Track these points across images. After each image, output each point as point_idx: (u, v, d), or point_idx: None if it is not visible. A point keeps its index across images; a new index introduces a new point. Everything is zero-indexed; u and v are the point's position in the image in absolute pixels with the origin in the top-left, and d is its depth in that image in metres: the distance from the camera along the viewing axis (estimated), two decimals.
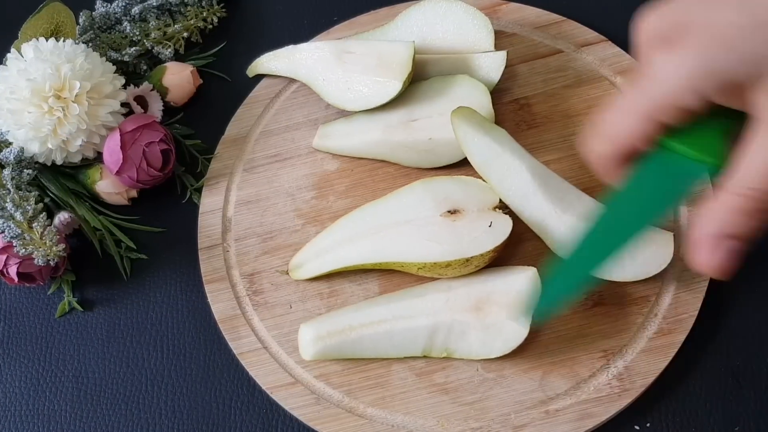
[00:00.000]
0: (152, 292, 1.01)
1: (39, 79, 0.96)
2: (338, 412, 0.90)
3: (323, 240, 0.97)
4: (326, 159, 1.05)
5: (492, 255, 0.89)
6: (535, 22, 1.11)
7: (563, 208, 0.92)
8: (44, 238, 0.93)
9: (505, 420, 0.87)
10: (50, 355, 0.98)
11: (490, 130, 0.95)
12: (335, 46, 1.06)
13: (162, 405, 0.94)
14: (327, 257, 0.95)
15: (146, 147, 1.00)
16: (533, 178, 0.93)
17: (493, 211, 0.92)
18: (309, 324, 0.92)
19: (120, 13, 1.12)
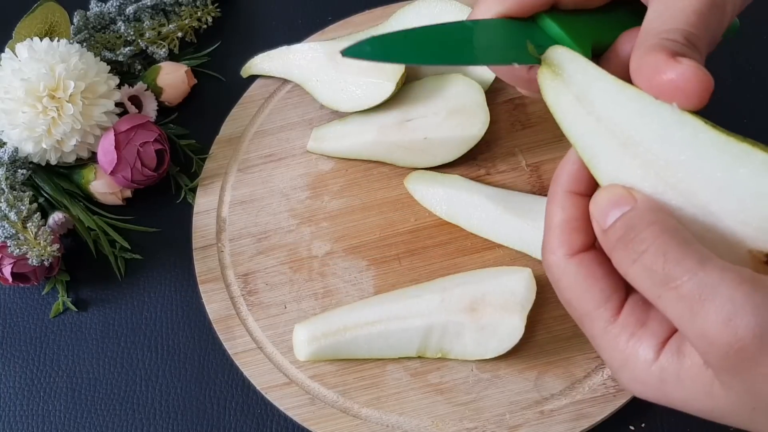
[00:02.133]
0: (147, 293, 1.01)
1: (33, 79, 0.96)
2: (333, 413, 0.89)
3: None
4: (321, 159, 1.05)
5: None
6: None
7: (533, 218, 0.93)
8: (38, 238, 0.93)
9: (500, 420, 0.87)
10: (44, 356, 0.98)
11: (444, 181, 1.00)
12: (328, 47, 1.06)
13: (156, 405, 0.94)
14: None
15: (141, 147, 1.00)
16: (495, 205, 0.96)
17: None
18: (304, 324, 0.92)
19: (114, 12, 1.12)
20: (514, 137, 1.02)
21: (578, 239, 0.59)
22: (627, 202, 0.54)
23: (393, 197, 1.01)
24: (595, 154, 0.58)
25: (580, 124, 0.59)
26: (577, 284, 0.58)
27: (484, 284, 0.90)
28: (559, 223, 0.60)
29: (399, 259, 0.97)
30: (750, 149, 0.52)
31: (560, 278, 0.59)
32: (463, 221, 0.98)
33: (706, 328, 0.48)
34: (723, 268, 0.49)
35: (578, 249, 0.59)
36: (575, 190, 0.60)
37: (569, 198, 0.60)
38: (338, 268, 0.98)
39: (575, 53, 0.61)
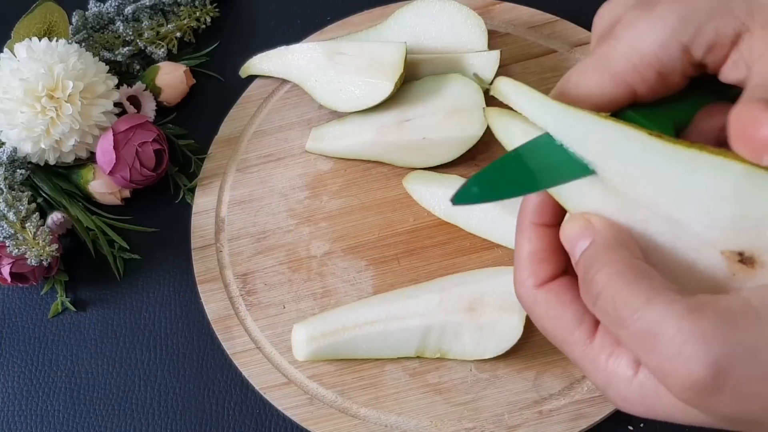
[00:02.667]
0: (145, 292, 1.01)
1: (32, 79, 0.96)
2: (331, 413, 0.90)
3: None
4: (319, 159, 1.05)
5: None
6: (529, 21, 1.11)
7: None
8: (37, 238, 0.93)
9: (499, 420, 0.87)
10: (43, 356, 0.98)
11: (442, 181, 1.00)
12: (327, 47, 1.06)
13: (155, 405, 0.94)
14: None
15: (139, 147, 1.00)
16: (494, 205, 0.96)
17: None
18: (302, 324, 0.92)
19: (113, 12, 1.12)
20: None
21: (546, 269, 0.59)
22: (588, 235, 0.55)
23: (392, 197, 1.01)
24: None
25: None
26: (548, 313, 0.59)
27: (482, 284, 0.90)
28: (526, 255, 0.60)
29: (398, 259, 0.97)
30: (698, 153, 0.52)
31: (532, 308, 0.60)
32: (462, 221, 0.98)
33: (660, 364, 0.49)
34: (670, 301, 0.49)
35: (546, 279, 0.59)
36: (541, 222, 0.60)
37: (535, 230, 0.60)
38: (337, 268, 0.98)
39: (518, 84, 0.61)
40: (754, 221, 0.53)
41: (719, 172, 0.52)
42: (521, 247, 0.61)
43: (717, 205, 0.53)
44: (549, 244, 0.60)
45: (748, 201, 0.52)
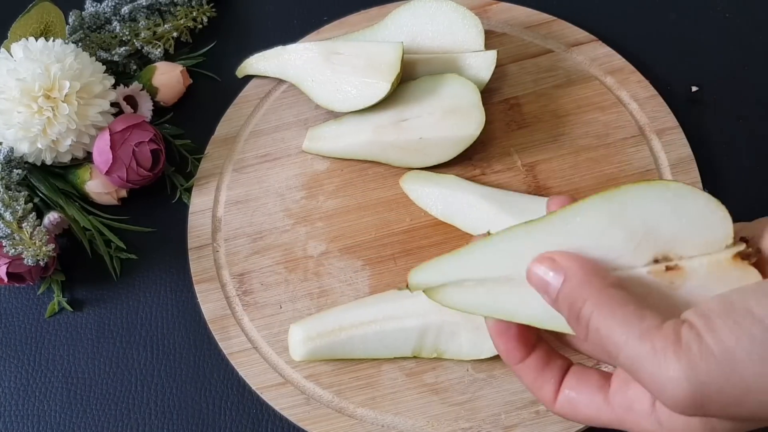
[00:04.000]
0: (142, 292, 1.01)
1: (28, 79, 0.96)
2: (328, 413, 0.90)
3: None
4: (316, 159, 1.05)
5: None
6: (525, 21, 1.11)
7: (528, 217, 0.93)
8: (34, 238, 0.93)
9: (496, 420, 0.87)
10: (40, 356, 0.98)
11: (439, 181, 1.00)
12: (324, 47, 1.06)
13: (152, 405, 0.94)
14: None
15: (136, 147, 1.00)
16: (491, 204, 0.96)
17: (732, 260, 0.59)
18: (299, 324, 0.92)
19: (110, 12, 1.12)
20: (510, 137, 1.02)
21: (549, 388, 0.65)
22: (558, 274, 0.59)
23: (388, 197, 1.01)
24: (507, 310, 0.64)
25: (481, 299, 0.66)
26: (575, 412, 0.65)
27: None
28: (530, 387, 0.67)
29: (394, 259, 0.97)
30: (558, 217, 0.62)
31: (565, 416, 0.65)
32: (459, 221, 0.98)
33: (651, 392, 0.53)
34: (641, 336, 0.53)
35: (555, 391, 0.66)
36: (517, 362, 0.67)
37: (519, 370, 0.67)
38: (333, 268, 0.98)
39: (423, 267, 0.67)
40: (640, 229, 0.59)
41: (589, 213, 0.60)
42: (524, 383, 0.67)
43: (609, 236, 0.59)
44: (536, 372, 0.66)
45: (624, 218, 0.59)
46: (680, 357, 0.50)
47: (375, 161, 1.03)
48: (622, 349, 0.53)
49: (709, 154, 1.02)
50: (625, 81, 1.05)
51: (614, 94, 1.05)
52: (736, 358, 0.49)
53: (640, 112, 1.03)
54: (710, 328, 0.50)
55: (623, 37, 1.10)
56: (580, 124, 1.03)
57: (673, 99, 1.04)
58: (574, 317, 0.57)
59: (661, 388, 0.51)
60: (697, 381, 0.50)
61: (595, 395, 0.63)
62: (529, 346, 0.66)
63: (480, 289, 0.65)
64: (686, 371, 0.50)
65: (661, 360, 0.51)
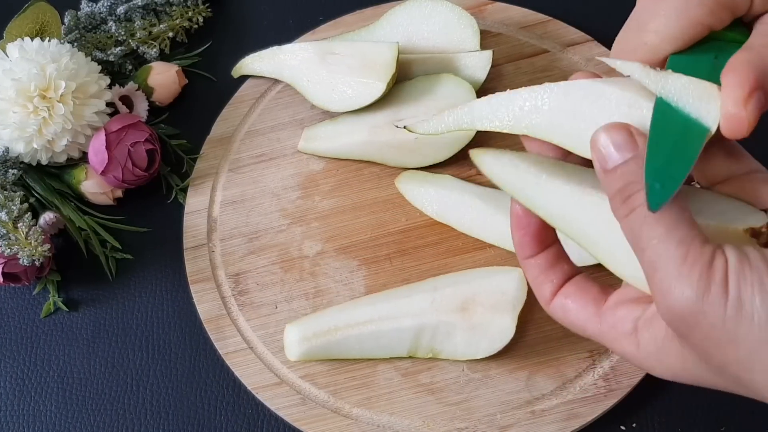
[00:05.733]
0: (137, 292, 1.01)
1: (24, 78, 0.96)
2: (324, 413, 0.90)
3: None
4: (312, 159, 1.05)
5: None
6: (521, 21, 1.11)
7: None
8: (29, 238, 0.93)
9: (491, 420, 0.87)
10: (35, 356, 0.98)
11: (435, 181, 1.00)
12: (319, 47, 1.06)
13: (147, 405, 0.94)
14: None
15: (131, 147, 0.99)
16: (486, 204, 0.97)
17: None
18: (295, 324, 0.92)
19: (105, 12, 1.12)
20: (505, 137, 1.02)
21: (548, 288, 0.67)
22: (630, 147, 0.57)
23: (384, 197, 1.01)
24: (563, 216, 0.64)
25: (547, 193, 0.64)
26: (566, 316, 0.66)
27: (474, 284, 0.90)
28: (532, 283, 0.68)
29: (390, 259, 0.97)
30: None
31: (555, 317, 0.67)
32: (454, 221, 0.98)
33: (656, 292, 0.54)
34: (679, 243, 0.53)
35: (551, 294, 0.67)
36: (526, 256, 0.68)
37: (525, 264, 0.68)
38: (329, 268, 0.98)
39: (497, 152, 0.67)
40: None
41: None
42: (527, 276, 0.69)
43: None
44: (541, 269, 0.67)
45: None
46: (701, 280, 0.51)
47: (371, 161, 1.03)
48: (656, 244, 0.53)
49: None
50: None
51: None
52: (743, 310, 0.50)
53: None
54: (739, 272, 0.51)
55: None
56: None
57: None
58: (625, 196, 0.56)
59: (667, 291, 0.52)
60: (701, 306, 0.51)
61: (588, 306, 0.64)
62: (543, 244, 0.67)
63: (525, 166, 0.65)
64: (699, 294, 0.51)
65: (686, 272, 0.51)
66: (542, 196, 0.63)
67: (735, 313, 0.50)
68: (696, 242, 0.53)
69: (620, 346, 0.61)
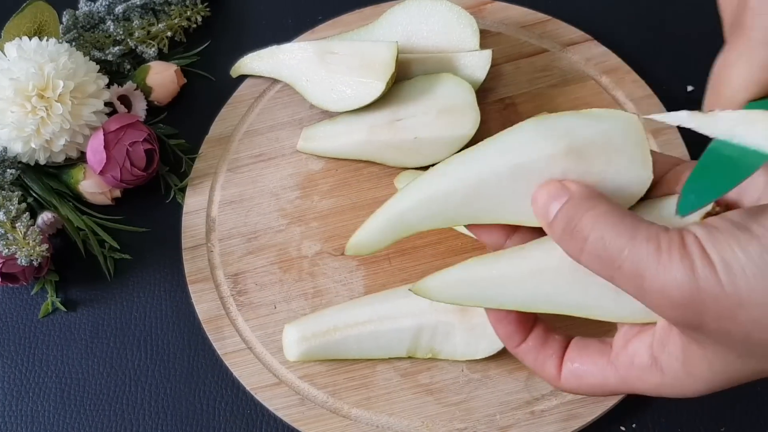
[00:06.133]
0: (136, 293, 1.01)
1: (22, 78, 0.95)
2: (323, 413, 0.89)
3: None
4: (310, 159, 1.05)
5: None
6: (521, 21, 1.11)
7: None
8: (27, 238, 0.92)
9: (491, 421, 0.87)
10: (33, 356, 0.98)
11: None
12: (318, 47, 1.06)
13: (146, 405, 0.94)
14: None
15: (130, 147, 0.99)
16: None
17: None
18: (293, 325, 0.92)
19: (103, 12, 1.12)
20: None
21: (552, 364, 0.66)
22: (563, 194, 0.59)
23: (383, 197, 1.01)
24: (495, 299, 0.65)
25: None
26: (579, 385, 0.65)
27: None
28: (533, 366, 0.67)
29: (389, 259, 0.97)
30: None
31: (568, 389, 0.66)
32: None
33: (653, 298, 0.53)
34: (647, 239, 0.53)
35: (559, 365, 0.66)
36: (515, 346, 0.67)
37: (519, 353, 0.67)
38: (328, 268, 0.98)
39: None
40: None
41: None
42: (527, 363, 0.67)
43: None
44: (536, 350, 0.66)
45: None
46: (684, 259, 0.51)
47: (370, 161, 1.03)
48: (628, 252, 0.53)
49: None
50: (621, 81, 1.05)
51: (610, 93, 1.05)
52: (733, 270, 0.50)
53: (636, 112, 1.03)
54: (712, 240, 0.52)
55: (619, 36, 1.10)
56: None
57: (669, 99, 1.03)
58: (570, 230, 0.57)
59: (663, 288, 0.52)
60: (696, 285, 0.51)
61: (597, 361, 0.63)
62: (527, 328, 0.66)
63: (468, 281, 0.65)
64: (688, 274, 0.51)
65: (666, 260, 0.52)
66: (508, 291, 0.64)
67: (728, 276, 0.50)
68: (661, 232, 0.53)
69: (646, 383, 0.60)
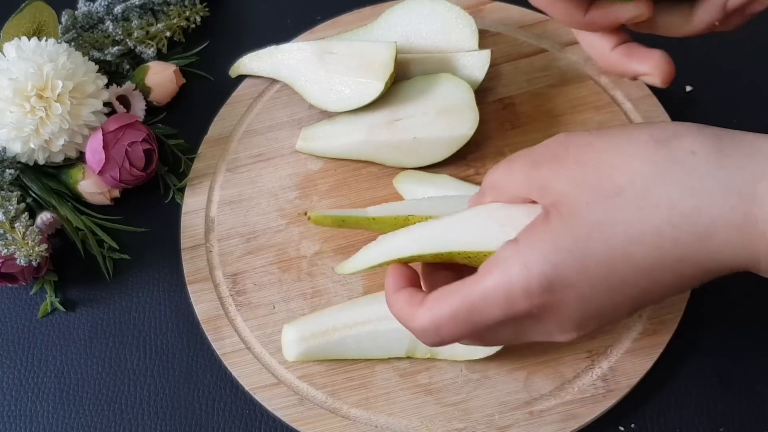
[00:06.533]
0: (135, 293, 1.01)
1: (21, 78, 0.95)
2: (322, 413, 0.89)
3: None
4: (309, 159, 1.05)
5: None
6: (519, 21, 1.11)
7: None
8: (26, 238, 0.92)
9: (490, 421, 0.87)
10: (32, 356, 0.98)
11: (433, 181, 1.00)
12: (317, 47, 1.06)
13: (144, 405, 0.94)
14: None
15: (129, 147, 0.99)
16: None
17: None
18: (292, 324, 0.92)
19: (102, 12, 1.12)
20: (504, 137, 1.02)
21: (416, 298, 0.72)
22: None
23: (382, 197, 1.01)
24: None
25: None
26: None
27: None
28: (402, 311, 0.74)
29: None
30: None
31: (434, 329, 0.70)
32: None
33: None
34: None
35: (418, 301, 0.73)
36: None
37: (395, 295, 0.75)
38: (327, 269, 0.98)
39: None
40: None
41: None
42: (394, 310, 0.75)
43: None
44: (411, 296, 0.73)
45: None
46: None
47: (369, 161, 1.03)
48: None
49: None
50: (620, 80, 1.05)
51: (608, 93, 1.05)
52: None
53: (635, 111, 1.03)
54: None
55: None
56: (575, 123, 1.03)
57: (667, 99, 1.03)
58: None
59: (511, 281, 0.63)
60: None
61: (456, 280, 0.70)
62: (411, 281, 0.76)
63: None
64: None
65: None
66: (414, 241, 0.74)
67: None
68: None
69: (499, 266, 0.65)
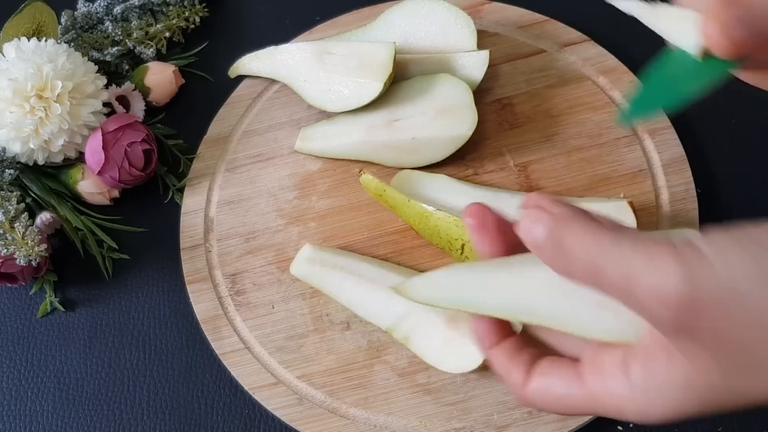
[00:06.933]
0: (134, 293, 1.01)
1: (21, 78, 0.96)
2: (321, 413, 0.90)
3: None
4: (308, 159, 1.05)
5: None
6: (518, 21, 1.11)
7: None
8: (26, 238, 0.92)
9: (488, 420, 0.87)
10: (32, 356, 0.98)
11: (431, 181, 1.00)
12: (316, 47, 1.06)
13: (144, 405, 0.94)
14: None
15: (128, 147, 0.99)
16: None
17: None
18: (313, 246, 0.96)
19: (102, 12, 1.12)
20: (502, 137, 1.02)
21: (521, 369, 0.62)
22: (545, 216, 0.57)
23: None
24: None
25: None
26: (542, 398, 0.62)
27: None
28: (501, 371, 0.63)
29: (387, 259, 0.97)
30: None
31: (531, 402, 0.63)
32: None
33: (646, 300, 0.50)
34: (633, 244, 0.52)
35: (526, 372, 0.62)
36: (490, 347, 0.64)
37: (492, 354, 0.64)
38: None
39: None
40: None
41: None
42: (495, 366, 0.64)
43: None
44: (508, 356, 0.63)
45: None
46: (677, 259, 0.49)
47: (367, 161, 1.03)
48: (616, 262, 0.52)
49: (701, 153, 1.02)
50: (618, 81, 1.05)
51: (607, 94, 1.05)
52: (731, 265, 0.48)
53: None
54: (704, 239, 0.50)
55: (616, 36, 1.10)
56: (573, 124, 1.03)
57: None
58: (555, 250, 0.55)
59: (655, 287, 0.49)
60: (693, 281, 0.48)
61: (566, 373, 0.60)
62: (505, 332, 0.64)
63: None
64: (683, 270, 0.48)
65: (657, 263, 0.50)
66: (489, 297, 0.62)
67: (726, 271, 0.48)
68: (647, 237, 0.52)
69: (612, 396, 0.57)
